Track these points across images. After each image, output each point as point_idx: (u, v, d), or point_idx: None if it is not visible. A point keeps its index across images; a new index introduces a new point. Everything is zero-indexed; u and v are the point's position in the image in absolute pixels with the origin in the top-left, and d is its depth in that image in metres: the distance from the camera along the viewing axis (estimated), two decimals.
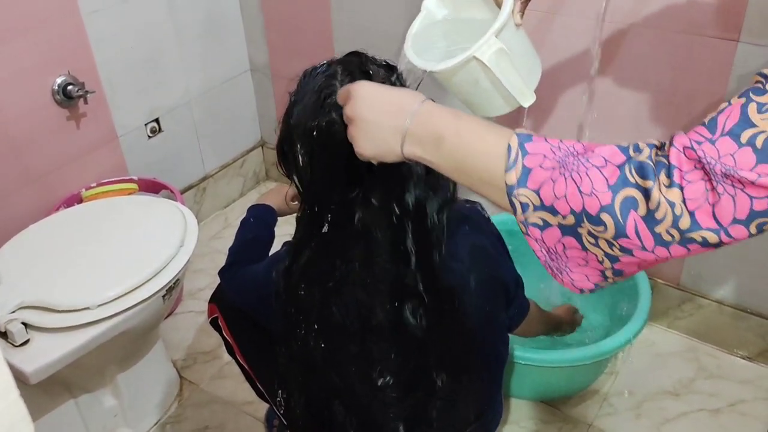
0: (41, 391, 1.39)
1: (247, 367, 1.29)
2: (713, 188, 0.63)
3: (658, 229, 0.65)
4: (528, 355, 1.46)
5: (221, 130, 2.28)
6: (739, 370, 1.70)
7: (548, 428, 1.59)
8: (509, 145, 0.70)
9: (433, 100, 0.77)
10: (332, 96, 0.88)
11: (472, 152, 0.72)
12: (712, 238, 0.64)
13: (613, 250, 0.69)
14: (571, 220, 0.69)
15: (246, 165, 2.41)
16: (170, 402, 1.68)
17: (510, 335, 1.25)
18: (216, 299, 1.30)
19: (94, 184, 1.87)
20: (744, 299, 1.68)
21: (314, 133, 0.90)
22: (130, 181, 1.92)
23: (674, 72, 1.51)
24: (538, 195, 0.69)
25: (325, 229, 0.95)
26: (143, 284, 1.39)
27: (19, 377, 1.27)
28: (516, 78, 0.87)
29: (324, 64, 0.96)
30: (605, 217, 0.66)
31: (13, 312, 1.31)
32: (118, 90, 1.89)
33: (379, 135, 0.76)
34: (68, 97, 1.74)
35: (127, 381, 1.55)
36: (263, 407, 1.62)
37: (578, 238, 0.70)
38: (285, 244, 1.11)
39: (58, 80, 1.72)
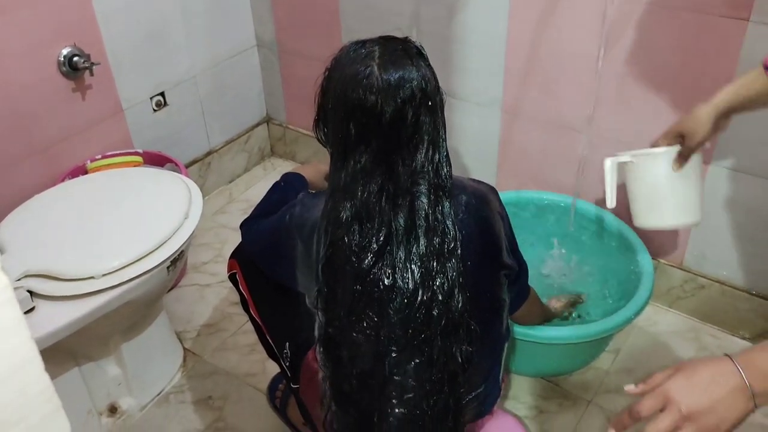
0: (46, 359, 1.38)
1: (259, 322, 1.34)
2: None
3: None
4: (529, 331, 1.46)
5: (227, 105, 2.28)
6: None
7: (548, 404, 1.60)
8: None
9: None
10: (368, 74, 0.95)
11: None
12: None
13: None
14: None
15: (251, 141, 2.41)
16: (174, 372, 1.70)
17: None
18: (236, 254, 1.34)
19: (99, 156, 1.87)
20: (746, 280, 1.68)
21: (350, 108, 0.96)
22: (135, 154, 1.92)
23: (683, 51, 1.50)
24: None
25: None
26: (148, 255, 1.40)
27: None
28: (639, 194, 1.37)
29: (362, 42, 1.00)
30: None
31: (19, 280, 1.32)
32: (123, 63, 1.89)
33: (727, 410, 0.78)
34: (74, 68, 1.74)
35: (132, 351, 1.57)
36: (265, 379, 1.63)
37: None
38: (302, 195, 1.16)
39: (64, 51, 1.72)
